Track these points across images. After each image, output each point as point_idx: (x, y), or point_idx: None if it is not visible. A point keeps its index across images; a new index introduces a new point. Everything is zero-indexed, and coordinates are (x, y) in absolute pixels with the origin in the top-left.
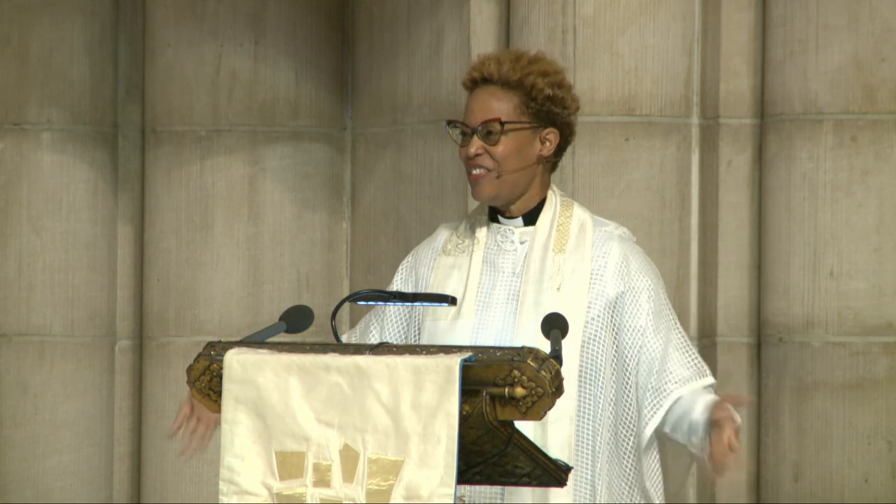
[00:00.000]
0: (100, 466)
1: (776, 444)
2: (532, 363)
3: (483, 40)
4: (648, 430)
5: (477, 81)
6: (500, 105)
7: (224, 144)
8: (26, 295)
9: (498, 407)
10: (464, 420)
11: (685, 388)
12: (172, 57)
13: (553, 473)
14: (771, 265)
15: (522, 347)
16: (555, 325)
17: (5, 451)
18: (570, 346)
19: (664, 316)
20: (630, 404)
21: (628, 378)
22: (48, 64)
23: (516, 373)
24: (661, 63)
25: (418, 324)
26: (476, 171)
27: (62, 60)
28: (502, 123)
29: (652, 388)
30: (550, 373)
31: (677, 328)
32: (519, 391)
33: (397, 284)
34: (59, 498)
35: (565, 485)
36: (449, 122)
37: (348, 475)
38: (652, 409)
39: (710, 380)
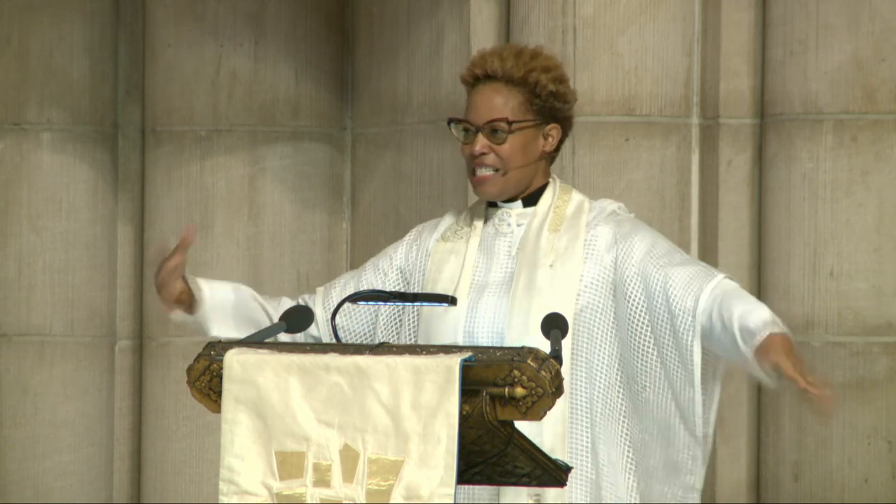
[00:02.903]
0: (100, 466)
1: (776, 444)
2: (532, 363)
3: (483, 40)
4: (695, 352)
5: (479, 78)
6: (505, 103)
7: (224, 144)
8: (26, 295)
9: (498, 407)
10: (464, 420)
11: (703, 297)
12: (172, 57)
13: (553, 473)
14: (771, 265)
15: (522, 347)
16: (555, 325)
17: (5, 451)
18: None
19: (658, 244)
20: (646, 357)
21: (638, 329)
22: (48, 64)
23: (516, 373)
24: (661, 63)
25: (416, 308)
26: (481, 172)
27: (62, 60)
28: (510, 122)
29: (675, 310)
30: (550, 373)
31: (675, 250)
32: (519, 391)
33: (401, 251)
34: (59, 498)
35: (565, 485)
36: (451, 120)
37: (348, 475)
38: (687, 330)
39: (720, 275)
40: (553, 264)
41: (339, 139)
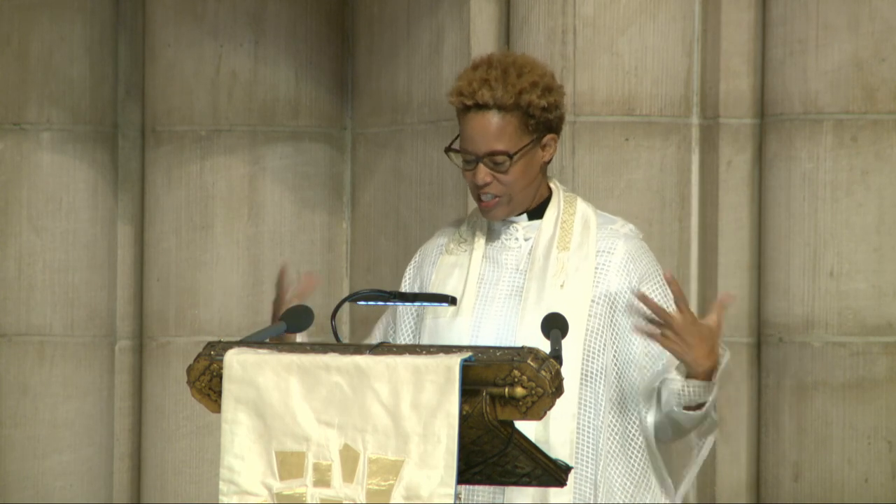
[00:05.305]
0: (100, 466)
1: (776, 444)
2: (532, 363)
3: (483, 40)
4: (649, 423)
5: (469, 107)
6: (501, 131)
7: (224, 144)
8: (26, 295)
9: (498, 407)
10: (464, 420)
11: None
12: (172, 57)
13: (553, 473)
14: (771, 265)
15: (522, 347)
16: (555, 325)
17: (5, 451)
18: (571, 344)
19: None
20: (639, 403)
21: (633, 378)
22: (48, 64)
23: (516, 373)
24: (661, 63)
25: (423, 322)
26: (487, 198)
27: (62, 60)
28: (511, 155)
29: (650, 389)
30: (550, 373)
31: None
32: (519, 391)
33: (405, 285)
34: (59, 498)
35: (565, 485)
36: (448, 150)
37: (348, 475)
38: (648, 408)
39: None
40: (563, 285)
41: (339, 139)
